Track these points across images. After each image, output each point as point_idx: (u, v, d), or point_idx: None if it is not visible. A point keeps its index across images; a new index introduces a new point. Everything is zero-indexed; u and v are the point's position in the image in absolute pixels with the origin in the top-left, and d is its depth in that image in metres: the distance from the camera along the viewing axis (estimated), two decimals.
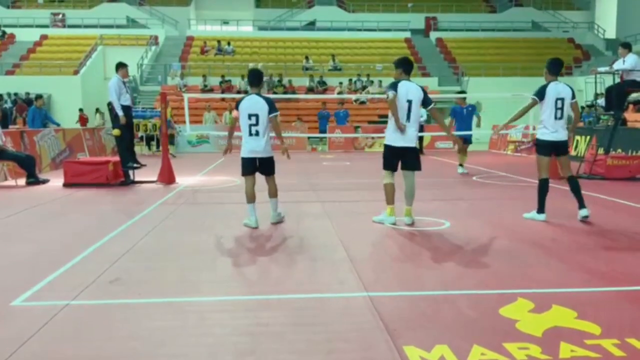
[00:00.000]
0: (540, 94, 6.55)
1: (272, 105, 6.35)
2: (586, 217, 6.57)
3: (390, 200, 6.43)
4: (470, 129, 12.26)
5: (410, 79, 6.33)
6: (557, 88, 6.51)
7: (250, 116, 6.28)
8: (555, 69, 6.65)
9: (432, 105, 6.40)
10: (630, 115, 15.15)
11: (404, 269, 4.72)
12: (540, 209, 6.72)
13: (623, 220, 6.87)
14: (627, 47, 10.87)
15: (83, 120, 23.90)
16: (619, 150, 12.30)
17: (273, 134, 6.59)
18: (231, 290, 4.18)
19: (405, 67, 6.39)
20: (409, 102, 6.20)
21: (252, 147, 6.36)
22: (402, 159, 6.39)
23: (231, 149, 6.79)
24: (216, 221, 6.87)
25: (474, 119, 12.30)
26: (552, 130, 6.52)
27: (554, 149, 6.64)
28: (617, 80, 11.14)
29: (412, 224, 6.41)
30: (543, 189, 6.71)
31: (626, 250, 5.38)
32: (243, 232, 6.22)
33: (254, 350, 3.06)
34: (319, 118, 22.16)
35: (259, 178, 6.66)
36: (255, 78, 6.50)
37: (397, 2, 36.25)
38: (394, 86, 6.24)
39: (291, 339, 3.20)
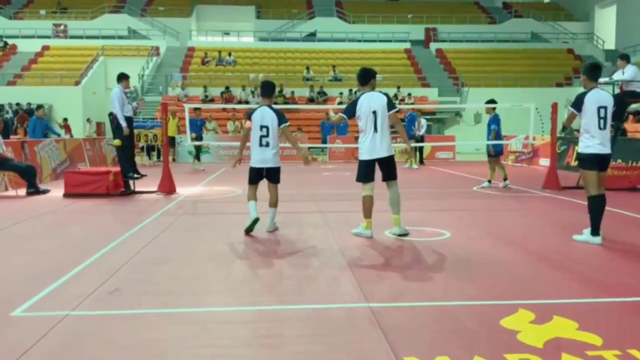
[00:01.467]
0: (578, 103, 5.88)
1: (281, 117, 6.53)
2: (599, 243, 5.87)
3: (367, 213, 6.26)
4: (497, 139, 11.30)
5: (373, 89, 6.26)
6: (599, 95, 5.86)
7: (261, 127, 6.46)
8: (595, 74, 6.01)
9: (393, 110, 6.23)
10: (630, 126, 15.19)
11: (405, 280, 4.71)
12: (595, 231, 5.88)
13: (623, 230, 6.86)
14: (626, 58, 10.92)
15: (68, 129, 23.76)
16: (619, 160, 12.31)
17: (282, 145, 6.69)
18: (231, 301, 4.17)
19: (361, 79, 6.29)
20: (374, 112, 6.11)
21: (262, 157, 6.53)
22: (381, 170, 6.29)
23: (242, 159, 6.90)
24: (216, 232, 6.86)
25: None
26: (597, 142, 5.83)
27: (600, 163, 5.87)
28: (617, 91, 11.18)
29: (405, 234, 6.31)
30: (599, 206, 5.86)
31: (627, 260, 5.36)
32: (243, 243, 6.21)
33: None
34: (321, 128, 22.27)
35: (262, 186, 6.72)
36: (266, 89, 6.69)
37: (397, 13, 36.45)
38: (351, 106, 6.21)
39: (291, 351, 3.19)
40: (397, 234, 6.32)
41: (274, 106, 6.77)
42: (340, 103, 25.06)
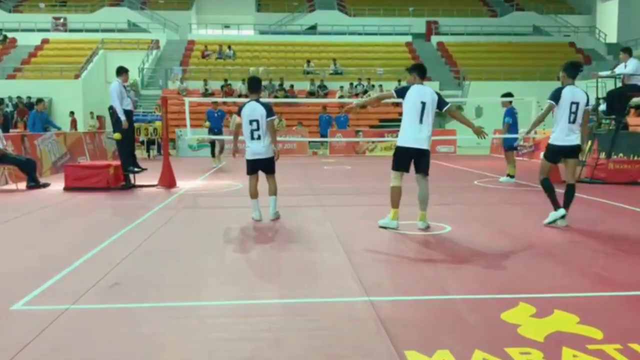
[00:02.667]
0: (556, 97, 6.42)
1: (269, 110, 6.87)
2: (563, 221, 6.43)
3: (395, 203, 6.38)
4: (514, 132, 11.13)
5: (423, 84, 6.40)
6: (574, 92, 6.40)
7: (251, 122, 6.80)
8: (574, 72, 6.55)
9: (448, 106, 6.41)
10: (631, 120, 15.13)
11: (405, 274, 4.71)
12: (556, 206, 6.52)
13: (625, 224, 6.85)
14: (628, 52, 10.88)
15: (74, 123, 23.85)
16: (621, 154, 12.27)
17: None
18: (231, 295, 4.16)
19: (419, 72, 6.45)
20: (423, 103, 6.22)
21: (255, 149, 6.89)
22: (415, 162, 6.38)
23: (237, 151, 7.45)
24: (217, 225, 6.86)
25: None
26: (564, 135, 6.42)
27: (563, 154, 6.56)
28: (619, 84, 11.14)
29: (426, 229, 6.35)
30: (548, 188, 6.60)
31: (628, 254, 5.35)
32: (243, 236, 6.21)
33: (254, 355, 3.05)
34: (319, 122, 22.22)
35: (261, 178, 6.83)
36: (253, 85, 7.06)
37: (398, 6, 36.29)
38: (402, 90, 6.37)
39: (291, 344, 3.18)
40: (420, 228, 6.37)
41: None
42: (340, 97, 25.01)
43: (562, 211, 6.43)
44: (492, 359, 2.94)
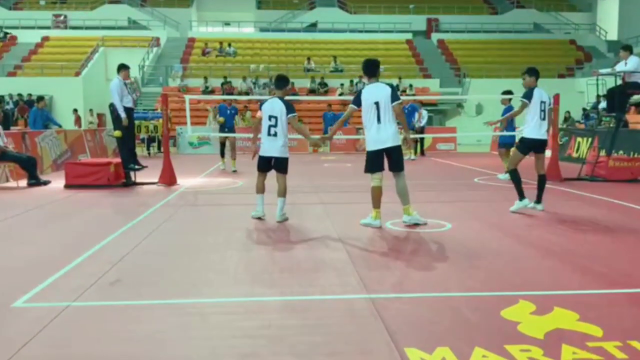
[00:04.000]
0: (529, 97, 7.28)
1: (289, 107, 6.84)
2: (540, 210, 7.40)
3: (376, 203, 6.36)
4: (510, 130, 11.41)
5: (377, 80, 6.36)
6: (541, 92, 7.33)
7: (270, 117, 6.77)
8: (537, 75, 7.49)
9: (396, 102, 6.23)
10: (631, 117, 15.16)
11: (406, 271, 4.72)
12: (522, 196, 7.34)
13: (625, 222, 6.86)
14: (629, 49, 10.86)
15: (78, 120, 23.92)
16: (621, 152, 12.28)
17: (290, 136, 6.99)
18: (232, 292, 4.17)
19: (367, 71, 6.41)
20: (376, 104, 6.19)
21: (270, 146, 6.83)
22: (388, 160, 6.36)
23: (257, 150, 7.11)
24: (217, 223, 6.87)
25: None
26: (537, 129, 7.24)
27: (534, 147, 7.33)
28: (619, 82, 11.13)
29: (414, 225, 6.34)
30: (516, 178, 7.35)
31: (628, 252, 5.36)
32: (244, 234, 6.22)
33: (255, 352, 3.05)
34: (323, 119, 22.25)
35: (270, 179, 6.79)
36: (279, 82, 7.02)
37: (398, 4, 36.24)
38: (356, 98, 6.38)
39: (292, 341, 3.19)
40: (407, 222, 6.39)
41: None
42: (341, 94, 25.00)
43: (526, 201, 7.31)
44: (492, 356, 2.95)
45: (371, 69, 6.41)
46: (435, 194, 9.27)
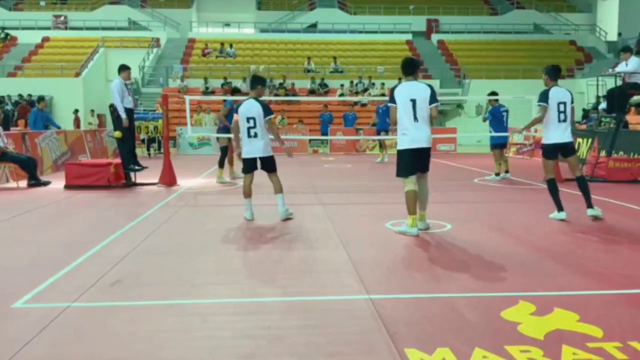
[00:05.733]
0: (545, 99, 6.73)
1: (266, 109, 6.77)
2: (595, 216, 6.72)
3: (411, 209, 5.96)
4: (506, 131, 11.45)
5: (416, 79, 6.11)
6: (559, 92, 6.73)
7: (248, 119, 6.74)
8: (556, 74, 6.90)
9: (434, 104, 6.05)
10: (632, 118, 15.14)
11: (406, 272, 4.72)
12: (559, 208, 6.80)
13: (625, 222, 6.85)
14: (630, 50, 10.87)
15: (77, 121, 23.90)
16: (621, 152, 12.27)
17: (284, 136, 6.88)
18: (232, 292, 4.17)
19: (404, 69, 6.18)
20: (412, 101, 5.95)
21: (252, 147, 6.82)
22: (420, 161, 6.11)
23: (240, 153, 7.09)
24: (217, 223, 6.87)
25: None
26: (557, 134, 6.71)
27: (560, 151, 6.83)
28: (620, 82, 11.14)
29: (426, 229, 6.23)
30: (553, 188, 6.84)
31: (628, 252, 5.36)
32: (244, 234, 6.22)
33: (255, 353, 3.05)
34: (320, 121, 22.23)
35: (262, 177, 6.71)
36: (254, 82, 7.01)
37: (398, 5, 36.25)
38: (391, 95, 6.13)
39: (292, 342, 3.19)
40: (422, 228, 6.16)
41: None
42: (341, 94, 25.00)
43: (563, 214, 6.71)
44: (492, 357, 2.95)
45: (409, 67, 6.13)
46: (435, 194, 9.22)
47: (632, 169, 10.88)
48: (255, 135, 6.75)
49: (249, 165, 6.92)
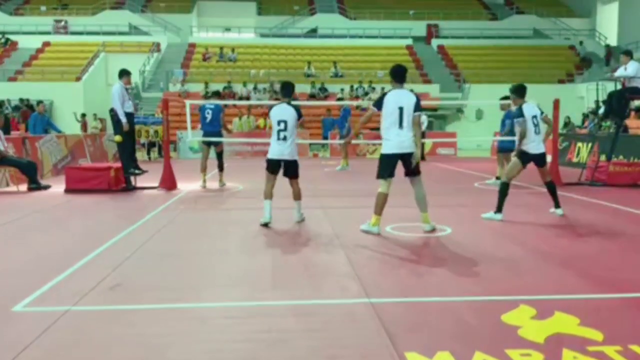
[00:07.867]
0: (520, 114, 7.26)
1: (299, 112, 7.06)
2: (561, 215, 7.37)
3: (378, 210, 6.26)
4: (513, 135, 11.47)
5: (403, 87, 6.38)
6: (529, 107, 7.33)
7: (279, 122, 6.88)
8: (524, 93, 7.47)
9: (418, 113, 6.29)
10: (631, 122, 15.17)
11: (406, 275, 4.71)
12: (499, 210, 7.26)
13: (625, 226, 6.85)
14: (629, 54, 10.89)
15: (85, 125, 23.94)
16: (621, 157, 12.29)
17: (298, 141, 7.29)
18: (232, 296, 4.17)
19: (395, 77, 6.42)
20: (400, 109, 6.20)
21: (279, 150, 6.92)
22: (405, 166, 6.31)
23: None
24: (218, 227, 6.87)
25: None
26: (534, 145, 7.22)
27: (533, 160, 7.29)
28: (619, 87, 11.15)
29: (432, 231, 6.32)
30: (505, 192, 7.31)
31: (629, 256, 5.36)
32: (244, 238, 6.21)
33: (255, 356, 3.05)
34: (322, 125, 22.29)
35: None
36: (285, 89, 7.22)
37: (398, 10, 36.32)
38: (379, 100, 6.41)
39: (292, 345, 3.19)
40: (427, 230, 6.35)
41: (276, 102, 7.04)
42: (340, 99, 25.02)
43: (500, 216, 7.21)
44: None
45: (401, 75, 6.43)
46: (435, 198, 9.23)
47: (632, 173, 10.89)
48: (285, 139, 6.85)
49: (273, 167, 6.97)
